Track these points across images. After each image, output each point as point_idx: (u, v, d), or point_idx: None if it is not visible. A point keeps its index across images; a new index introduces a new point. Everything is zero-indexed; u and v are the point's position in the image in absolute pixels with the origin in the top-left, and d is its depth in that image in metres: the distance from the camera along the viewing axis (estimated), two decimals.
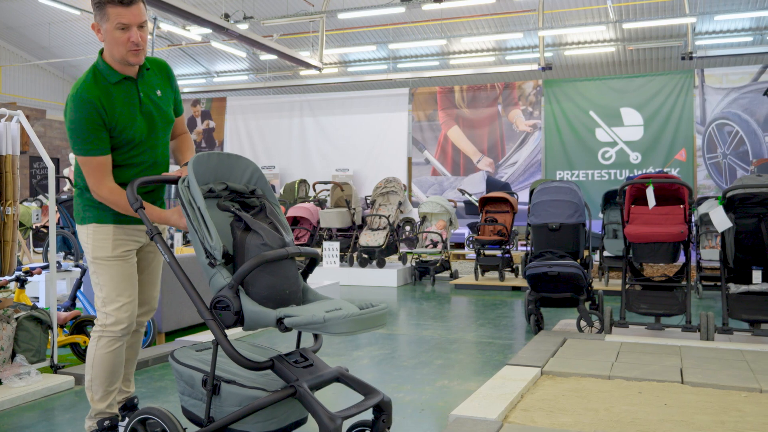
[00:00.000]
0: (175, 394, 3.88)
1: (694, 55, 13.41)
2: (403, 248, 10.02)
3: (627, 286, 5.49)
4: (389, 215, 9.67)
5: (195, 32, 13.82)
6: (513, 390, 3.72)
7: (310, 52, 15.45)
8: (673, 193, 5.34)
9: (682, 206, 5.31)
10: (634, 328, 5.48)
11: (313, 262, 2.70)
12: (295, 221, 10.72)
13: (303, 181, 14.73)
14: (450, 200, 10.19)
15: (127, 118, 2.79)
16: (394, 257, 10.09)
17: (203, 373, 2.48)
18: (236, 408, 2.40)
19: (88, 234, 2.88)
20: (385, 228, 9.61)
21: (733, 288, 5.22)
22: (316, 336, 2.68)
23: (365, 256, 9.39)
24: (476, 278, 8.85)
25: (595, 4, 14.18)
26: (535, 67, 14.64)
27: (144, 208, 2.65)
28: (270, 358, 2.45)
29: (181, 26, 13.27)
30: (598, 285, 7.97)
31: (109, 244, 2.86)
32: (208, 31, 12.95)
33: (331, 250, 9.05)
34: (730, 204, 5.04)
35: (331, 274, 9.02)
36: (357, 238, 9.89)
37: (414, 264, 9.49)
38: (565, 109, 15.01)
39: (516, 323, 6.32)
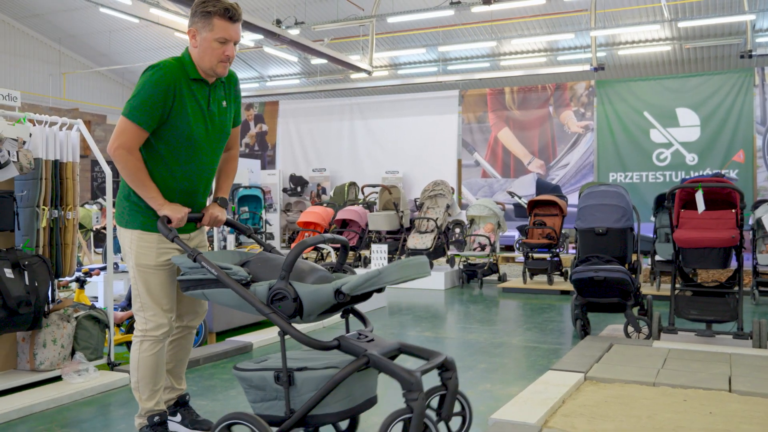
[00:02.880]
0: (225, 392, 4.01)
1: (753, 53, 12.99)
2: (451, 251, 10.03)
3: (677, 292, 5.40)
4: (437, 218, 9.70)
5: (248, 38, 14.11)
6: (555, 395, 3.72)
7: (360, 56, 15.58)
8: (724, 197, 5.23)
9: (733, 210, 5.19)
10: (684, 334, 5.38)
11: (345, 248, 2.92)
12: (344, 224, 10.85)
13: (353, 184, 14.88)
14: (498, 203, 10.14)
15: (192, 115, 2.83)
16: (442, 260, 10.11)
17: (273, 370, 2.54)
18: (313, 393, 2.47)
19: (132, 240, 2.90)
20: (432, 231, 9.64)
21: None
22: (364, 322, 2.83)
23: None
24: (524, 281, 8.80)
25: (650, 2, 13.88)
26: (587, 67, 14.42)
27: (179, 238, 2.80)
28: (334, 339, 2.55)
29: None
30: (648, 290, 7.83)
31: (153, 253, 2.89)
32: (260, 36, 13.20)
33: (379, 252, 9.14)
34: None
35: None
36: (405, 240, 9.95)
37: (462, 267, 9.49)
38: (618, 110, 14.75)
39: (563, 328, 6.27)
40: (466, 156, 15.93)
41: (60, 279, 4.35)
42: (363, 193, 14.13)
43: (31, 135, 4.07)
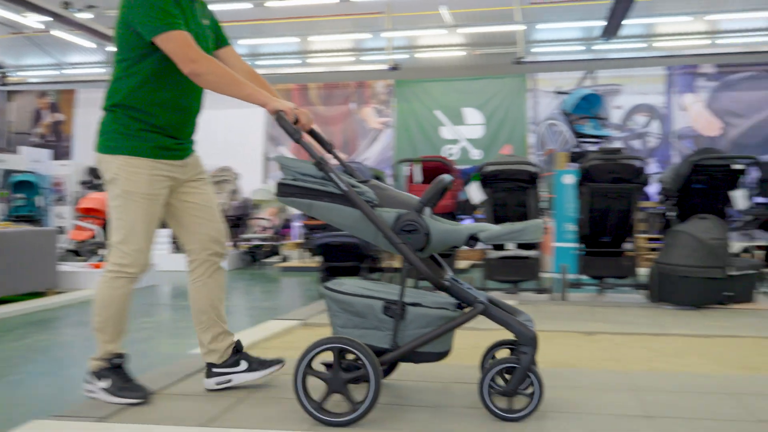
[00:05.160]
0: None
1: (524, 60, 14.50)
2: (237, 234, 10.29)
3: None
4: (221, 203, 9.91)
5: (33, 19, 13.42)
6: (263, 335, 4.18)
7: None
8: (439, 171, 5.98)
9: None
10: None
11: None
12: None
13: None
14: None
15: (194, 28, 2.63)
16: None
17: (384, 300, 2.44)
18: (422, 330, 2.42)
19: (119, 166, 2.61)
20: None
21: (493, 253, 5.91)
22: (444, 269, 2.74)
23: None
24: (302, 260, 9.26)
25: (437, 10, 14.98)
26: (386, 67, 15.30)
27: (304, 138, 2.54)
28: (446, 279, 2.50)
29: (17, 12, 12.85)
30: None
31: (144, 180, 2.61)
32: (48, 18, 12.63)
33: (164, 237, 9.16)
34: (484, 180, 5.71)
35: (160, 259, 9.12)
36: None
37: (245, 249, 9.77)
38: (414, 108, 15.81)
39: (314, 295, 6.76)
40: (273, 150, 16.25)
41: None
42: None
43: None
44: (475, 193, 5.58)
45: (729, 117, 14.71)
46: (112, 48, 2.68)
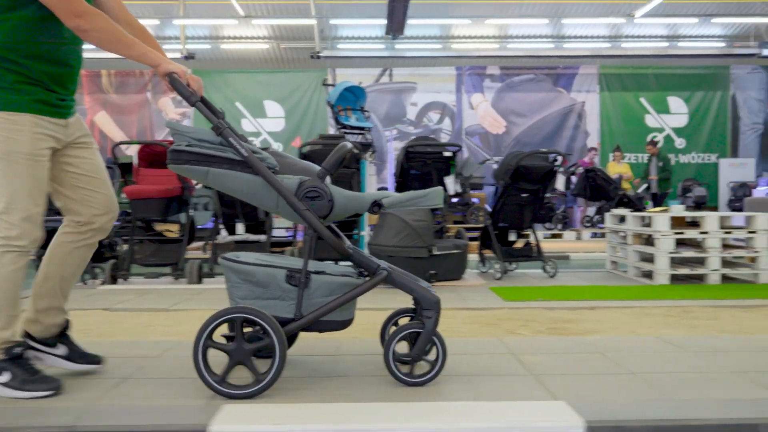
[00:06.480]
0: None
1: (321, 55, 14.67)
2: None
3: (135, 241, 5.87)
4: None
5: None
6: None
7: None
8: (164, 156, 5.83)
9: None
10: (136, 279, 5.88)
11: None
12: None
13: None
14: None
15: None
16: None
17: (286, 269, 2.39)
18: (326, 298, 2.39)
19: None
20: None
21: (220, 238, 5.86)
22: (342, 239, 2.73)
23: None
24: None
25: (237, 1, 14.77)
26: (179, 56, 14.82)
27: (202, 102, 2.39)
28: (349, 247, 2.50)
29: None
30: None
31: (27, 138, 2.30)
32: None
33: None
34: None
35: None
36: None
37: None
38: (214, 99, 15.41)
39: None
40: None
41: None
42: None
43: None
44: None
45: (512, 116, 15.81)
46: None
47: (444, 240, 5.51)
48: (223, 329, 2.48)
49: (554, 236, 11.62)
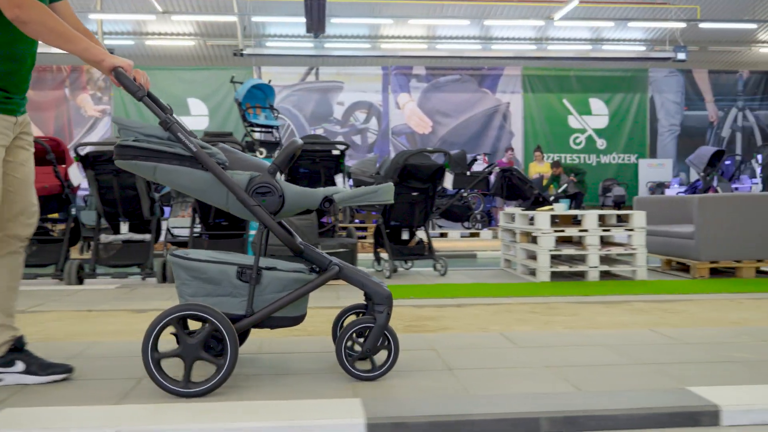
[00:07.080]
0: None
1: (245, 52, 14.50)
2: None
3: None
4: None
5: None
6: None
7: None
8: (43, 154, 5.66)
9: (51, 166, 5.65)
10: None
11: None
12: None
13: None
14: None
15: None
16: None
17: (237, 265, 2.37)
18: (278, 294, 2.38)
19: None
20: None
21: (104, 238, 5.70)
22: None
23: None
24: None
25: None
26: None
27: (148, 97, 2.31)
28: (301, 243, 2.48)
29: None
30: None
31: None
32: None
33: None
34: (85, 161, 5.49)
35: None
36: None
37: None
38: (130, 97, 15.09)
39: None
40: None
41: None
42: None
43: None
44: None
45: (438, 116, 15.94)
46: None
47: (331, 239, 5.48)
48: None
49: (472, 235, 11.75)
